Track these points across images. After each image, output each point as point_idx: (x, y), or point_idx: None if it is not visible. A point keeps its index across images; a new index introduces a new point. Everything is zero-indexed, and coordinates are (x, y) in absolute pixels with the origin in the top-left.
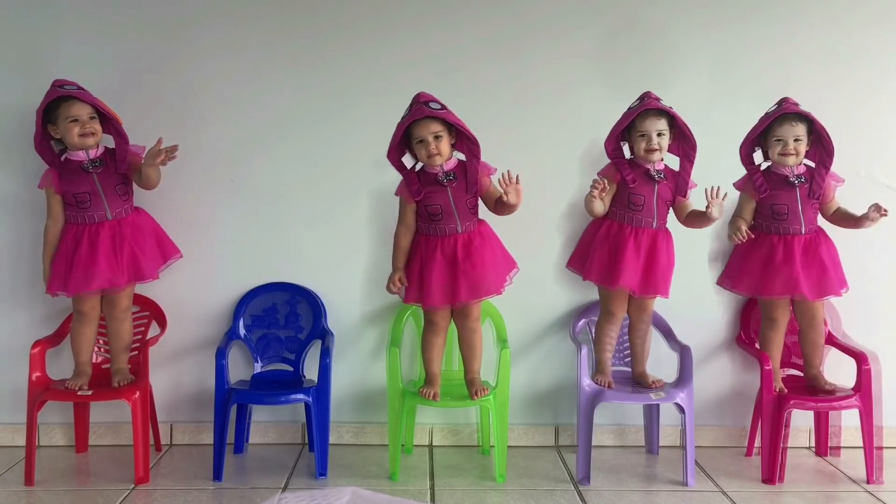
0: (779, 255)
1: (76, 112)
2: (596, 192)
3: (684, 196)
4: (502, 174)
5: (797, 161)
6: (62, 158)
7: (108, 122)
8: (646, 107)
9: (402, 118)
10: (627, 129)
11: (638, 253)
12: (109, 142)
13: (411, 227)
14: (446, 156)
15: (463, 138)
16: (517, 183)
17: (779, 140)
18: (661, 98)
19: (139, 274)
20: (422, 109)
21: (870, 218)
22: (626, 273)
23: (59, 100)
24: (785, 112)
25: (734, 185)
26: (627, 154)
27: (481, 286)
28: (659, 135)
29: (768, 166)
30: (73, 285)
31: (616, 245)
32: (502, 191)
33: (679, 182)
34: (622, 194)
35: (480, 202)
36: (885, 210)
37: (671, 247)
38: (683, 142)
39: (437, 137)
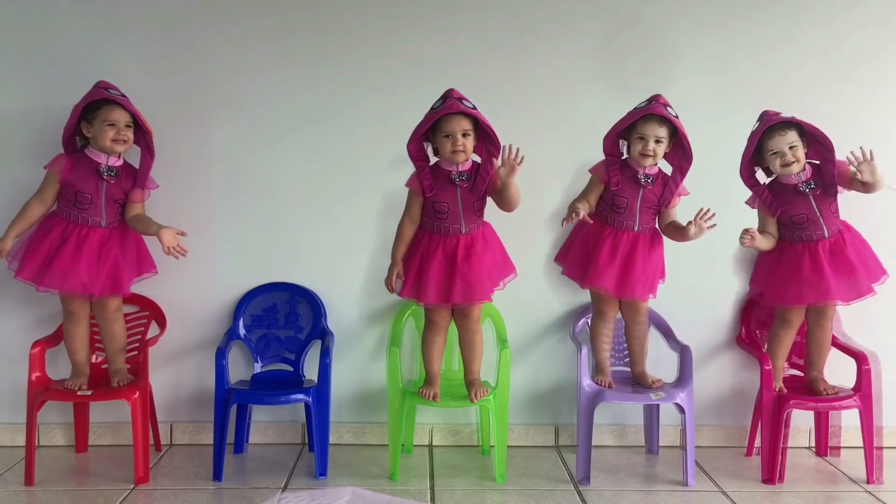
0: (806, 263)
1: (116, 117)
2: (571, 221)
3: (667, 206)
4: (505, 147)
5: (800, 167)
6: (82, 151)
7: (141, 134)
8: (650, 111)
9: (434, 108)
10: (628, 128)
11: (614, 254)
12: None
13: (416, 220)
14: (469, 154)
15: (483, 141)
16: (517, 161)
17: (775, 153)
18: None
19: (117, 287)
20: (456, 105)
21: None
22: (599, 274)
23: (100, 101)
24: (770, 124)
25: (746, 202)
26: (625, 153)
27: (475, 290)
28: (657, 141)
29: (774, 179)
30: (46, 280)
31: (594, 245)
32: (500, 170)
33: (665, 192)
34: (607, 195)
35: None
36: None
37: (653, 250)
38: (681, 152)
39: (465, 135)
